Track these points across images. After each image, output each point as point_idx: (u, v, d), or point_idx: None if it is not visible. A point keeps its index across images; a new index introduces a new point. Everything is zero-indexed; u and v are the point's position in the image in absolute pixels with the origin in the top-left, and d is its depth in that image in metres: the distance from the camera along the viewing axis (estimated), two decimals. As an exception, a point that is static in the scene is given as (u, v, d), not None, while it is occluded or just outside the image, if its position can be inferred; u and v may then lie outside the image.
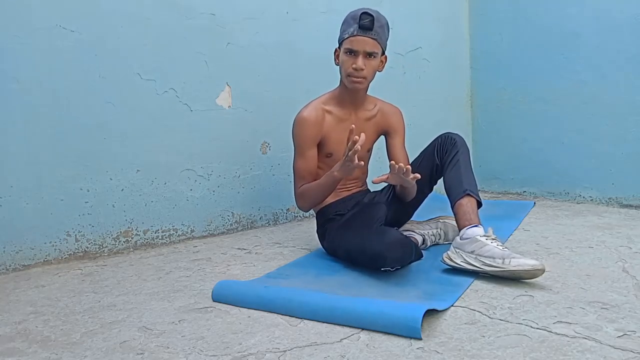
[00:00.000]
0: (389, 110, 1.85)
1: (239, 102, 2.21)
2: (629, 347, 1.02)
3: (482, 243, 1.47)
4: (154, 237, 2.04)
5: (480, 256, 1.46)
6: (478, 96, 2.92)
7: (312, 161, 1.74)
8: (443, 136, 1.74)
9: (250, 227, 2.28)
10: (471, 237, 1.50)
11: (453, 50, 2.91)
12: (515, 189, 2.80)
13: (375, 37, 1.61)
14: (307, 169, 1.74)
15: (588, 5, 2.42)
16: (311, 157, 1.74)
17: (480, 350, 1.05)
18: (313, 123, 1.71)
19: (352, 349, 1.09)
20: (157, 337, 1.19)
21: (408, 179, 1.48)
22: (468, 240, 1.50)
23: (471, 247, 1.48)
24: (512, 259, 1.40)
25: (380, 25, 1.63)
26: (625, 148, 2.35)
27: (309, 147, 1.73)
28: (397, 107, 1.88)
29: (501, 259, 1.42)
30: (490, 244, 1.46)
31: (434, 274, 1.53)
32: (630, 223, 2.03)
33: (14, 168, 1.75)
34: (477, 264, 1.45)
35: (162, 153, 2.04)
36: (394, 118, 1.85)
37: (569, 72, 2.51)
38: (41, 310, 1.39)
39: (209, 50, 2.11)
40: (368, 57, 1.63)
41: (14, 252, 1.77)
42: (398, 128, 1.86)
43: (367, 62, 1.63)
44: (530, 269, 1.37)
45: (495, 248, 1.44)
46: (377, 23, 1.60)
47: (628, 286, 1.36)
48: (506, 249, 1.45)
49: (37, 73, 1.77)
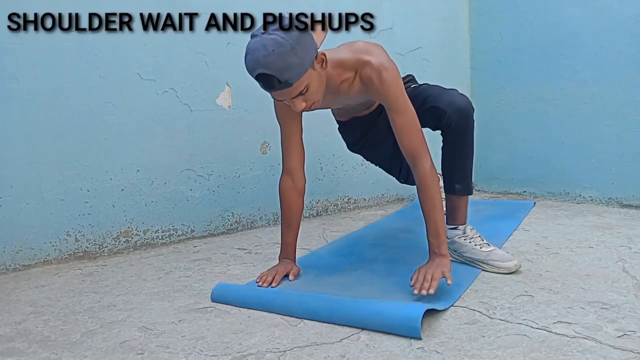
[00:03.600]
0: (365, 74, 1.40)
1: (239, 102, 2.21)
2: (629, 347, 1.02)
3: (460, 244, 1.61)
4: (154, 237, 2.04)
5: (462, 256, 1.62)
6: (478, 96, 2.92)
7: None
8: (456, 109, 1.51)
9: (250, 227, 2.28)
10: (451, 239, 1.62)
11: (453, 50, 2.91)
12: (515, 189, 2.80)
13: (290, 85, 1.24)
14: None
15: (588, 5, 2.41)
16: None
17: (480, 350, 1.05)
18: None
19: (352, 349, 1.09)
20: (157, 337, 1.19)
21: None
22: (449, 241, 1.60)
23: (453, 247, 1.63)
24: (489, 261, 1.54)
25: (283, 71, 1.21)
26: (625, 148, 2.34)
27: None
28: (373, 56, 1.39)
29: (479, 262, 1.56)
30: (468, 244, 1.60)
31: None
32: (630, 223, 2.03)
33: (14, 168, 1.75)
34: (463, 259, 1.62)
35: (162, 153, 2.04)
36: (369, 82, 1.40)
37: (569, 72, 2.51)
38: (41, 310, 1.39)
39: (209, 50, 2.11)
40: (300, 95, 1.29)
41: (14, 252, 1.77)
42: (378, 91, 1.40)
43: (304, 97, 1.30)
44: (505, 272, 1.52)
45: (473, 249, 1.58)
46: (281, 75, 1.21)
47: (628, 286, 1.36)
48: (485, 245, 1.59)
49: (37, 73, 1.77)
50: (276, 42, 1.20)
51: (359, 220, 2.35)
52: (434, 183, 1.42)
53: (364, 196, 2.62)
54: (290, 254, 1.60)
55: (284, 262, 1.59)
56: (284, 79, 1.22)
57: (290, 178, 1.57)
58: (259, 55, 1.21)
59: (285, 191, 1.57)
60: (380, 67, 1.37)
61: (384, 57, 1.41)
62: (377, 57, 1.39)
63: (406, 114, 1.40)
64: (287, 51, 1.20)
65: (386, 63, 1.38)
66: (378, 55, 1.40)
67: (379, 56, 1.40)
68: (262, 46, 1.21)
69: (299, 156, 1.57)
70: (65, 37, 1.81)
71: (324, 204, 2.49)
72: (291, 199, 1.57)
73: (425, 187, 1.41)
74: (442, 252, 1.39)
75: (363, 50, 1.41)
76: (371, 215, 2.44)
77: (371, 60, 1.38)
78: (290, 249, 1.60)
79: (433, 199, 1.40)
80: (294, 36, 1.22)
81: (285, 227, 1.59)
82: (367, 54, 1.40)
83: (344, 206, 2.56)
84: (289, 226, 1.59)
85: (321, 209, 2.48)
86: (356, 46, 1.44)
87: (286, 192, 1.57)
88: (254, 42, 1.24)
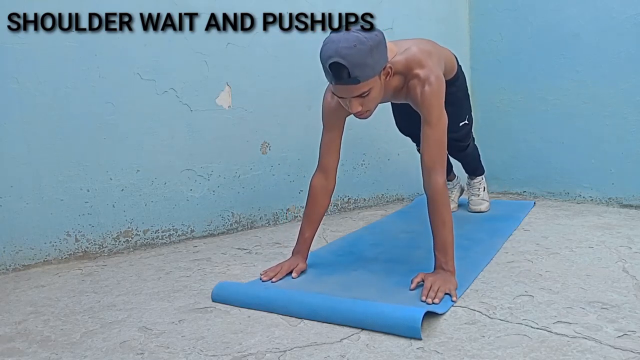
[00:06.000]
0: (412, 84, 1.48)
1: (239, 102, 2.21)
2: (629, 347, 1.02)
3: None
4: (154, 237, 2.04)
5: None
6: (478, 96, 2.92)
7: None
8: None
9: (250, 227, 2.28)
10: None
11: (453, 50, 2.90)
12: (515, 189, 2.80)
13: (357, 82, 1.30)
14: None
15: (588, 5, 2.41)
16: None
17: (480, 350, 1.05)
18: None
19: (352, 349, 1.09)
20: (157, 337, 1.19)
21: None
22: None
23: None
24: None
25: (357, 66, 1.27)
26: (625, 148, 2.34)
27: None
28: (423, 70, 1.45)
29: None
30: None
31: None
32: (630, 223, 2.03)
33: (14, 168, 1.75)
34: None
35: (162, 153, 2.04)
36: (412, 92, 1.48)
37: (569, 72, 2.51)
38: (41, 310, 1.39)
39: (209, 50, 2.11)
40: (360, 97, 1.35)
41: (14, 252, 1.77)
42: (417, 102, 1.47)
43: (362, 100, 1.35)
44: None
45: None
46: (353, 70, 1.27)
47: (628, 286, 1.36)
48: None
49: (37, 73, 1.77)
50: (359, 40, 1.27)
51: (359, 220, 2.35)
52: (445, 199, 1.42)
53: (364, 196, 2.62)
54: (303, 250, 1.63)
55: (293, 257, 1.62)
56: (355, 74, 1.28)
57: (324, 176, 1.62)
58: (340, 45, 1.27)
59: (316, 187, 1.62)
60: (426, 81, 1.44)
61: (433, 72, 1.46)
62: (426, 71, 1.45)
63: (437, 128, 1.45)
64: (366, 50, 1.27)
65: (432, 78, 1.45)
66: (428, 69, 1.46)
67: (428, 70, 1.46)
68: (345, 39, 1.27)
69: (335, 157, 1.62)
70: (65, 37, 1.81)
71: (324, 204, 2.49)
72: (320, 196, 1.62)
73: (437, 203, 1.42)
74: (449, 268, 1.39)
75: (416, 60, 1.47)
76: (371, 215, 2.44)
77: (420, 74, 1.45)
78: (305, 245, 1.63)
79: (443, 215, 1.41)
80: (376, 40, 1.30)
81: (306, 222, 1.63)
82: (418, 66, 1.46)
83: (344, 206, 2.56)
84: (309, 221, 1.63)
85: (321, 209, 2.48)
86: (411, 54, 1.48)
87: (317, 188, 1.62)
88: (336, 34, 1.30)
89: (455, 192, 2.45)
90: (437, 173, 1.43)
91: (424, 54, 1.49)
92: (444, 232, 1.41)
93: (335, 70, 1.28)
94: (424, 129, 1.45)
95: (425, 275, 1.39)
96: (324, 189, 1.62)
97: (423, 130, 1.46)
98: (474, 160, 2.33)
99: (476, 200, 2.36)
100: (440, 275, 1.37)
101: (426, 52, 1.51)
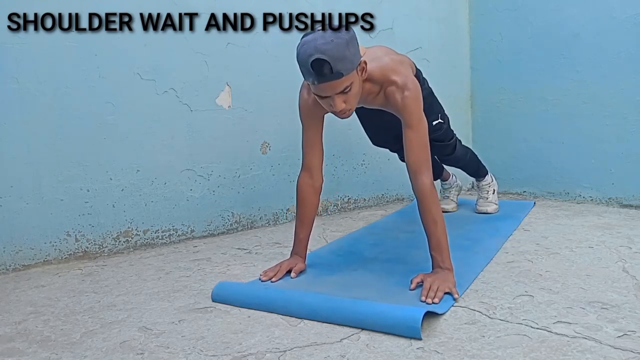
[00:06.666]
0: (390, 91, 1.50)
1: (239, 102, 2.21)
2: (629, 347, 1.02)
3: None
4: (154, 237, 2.05)
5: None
6: (478, 96, 2.92)
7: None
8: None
9: (250, 227, 2.28)
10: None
11: (453, 50, 2.91)
12: (515, 189, 2.80)
13: (339, 77, 1.31)
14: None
15: (588, 5, 2.41)
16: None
17: (480, 350, 1.05)
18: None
19: (352, 349, 1.09)
20: (157, 337, 1.19)
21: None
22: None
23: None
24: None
25: (338, 60, 1.28)
26: (625, 148, 2.34)
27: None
28: (399, 77, 1.49)
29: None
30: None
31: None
32: (630, 223, 2.03)
33: (14, 168, 1.76)
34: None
35: (162, 153, 2.04)
36: (391, 98, 1.50)
37: (569, 72, 2.51)
38: (41, 310, 1.39)
39: (209, 50, 2.11)
40: (343, 92, 1.35)
41: (14, 252, 1.77)
42: (398, 107, 1.49)
43: (346, 97, 1.36)
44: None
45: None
46: (334, 64, 1.28)
47: (628, 286, 1.36)
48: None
49: (37, 73, 1.77)
50: (334, 34, 1.30)
51: (359, 220, 2.35)
52: (434, 199, 1.44)
53: (364, 196, 2.62)
54: (301, 250, 1.63)
55: (292, 257, 1.63)
56: (337, 68, 1.29)
57: (309, 175, 1.63)
58: (317, 42, 1.29)
59: (302, 187, 1.63)
60: (404, 87, 1.47)
61: (409, 78, 1.50)
62: (403, 78, 1.49)
63: (418, 131, 1.47)
64: (343, 43, 1.29)
65: (410, 84, 1.48)
66: (404, 76, 1.50)
67: (404, 76, 1.50)
68: (321, 36, 1.30)
69: (318, 155, 1.63)
70: (65, 37, 1.81)
71: (324, 204, 2.49)
72: (307, 195, 1.62)
73: (426, 203, 1.43)
74: (446, 265, 1.40)
75: (390, 68, 1.51)
76: (371, 215, 2.44)
77: (397, 80, 1.48)
78: (301, 245, 1.64)
79: (434, 215, 1.42)
80: (349, 34, 1.33)
81: (299, 224, 1.64)
82: (394, 73, 1.50)
83: (344, 206, 2.56)
84: (302, 223, 1.64)
85: (321, 209, 2.48)
86: (384, 63, 1.52)
87: (304, 188, 1.62)
88: (310, 35, 1.32)
89: (453, 192, 2.45)
90: (423, 174, 1.44)
91: (396, 63, 1.54)
92: (437, 231, 1.41)
93: (317, 67, 1.28)
94: (406, 132, 1.47)
95: (424, 276, 1.39)
96: (311, 187, 1.62)
97: (405, 134, 1.48)
98: (471, 162, 2.28)
99: (483, 202, 2.35)
100: (439, 274, 1.38)
101: (398, 61, 1.56)
